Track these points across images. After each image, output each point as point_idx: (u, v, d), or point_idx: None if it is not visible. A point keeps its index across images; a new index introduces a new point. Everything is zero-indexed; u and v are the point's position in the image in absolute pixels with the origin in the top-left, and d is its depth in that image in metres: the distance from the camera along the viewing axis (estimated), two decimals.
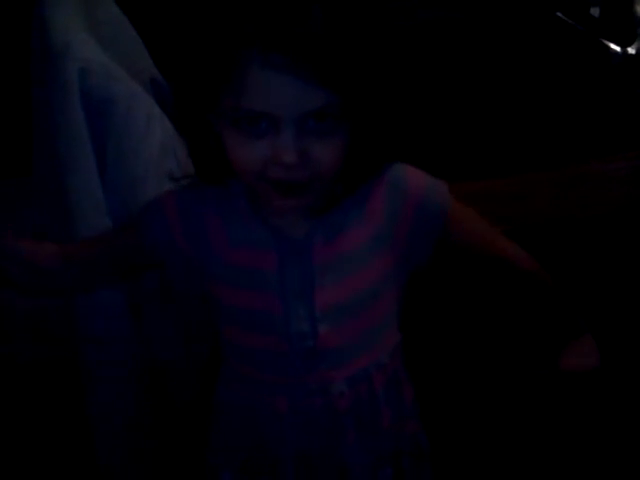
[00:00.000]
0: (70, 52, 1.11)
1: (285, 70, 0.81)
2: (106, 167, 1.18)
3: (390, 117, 0.92)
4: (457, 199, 1.02)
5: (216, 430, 1.09)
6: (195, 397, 1.16)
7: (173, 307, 1.30)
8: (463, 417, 1.53)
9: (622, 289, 1.54)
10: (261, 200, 0.96)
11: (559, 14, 2.17)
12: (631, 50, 2.28)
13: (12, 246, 1.02)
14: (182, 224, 0.98)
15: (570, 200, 1.53)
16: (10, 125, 1.97)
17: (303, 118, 0.84)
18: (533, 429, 1.55)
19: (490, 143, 1.81)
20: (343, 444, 1.01)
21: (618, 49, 2.27)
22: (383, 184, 0.98)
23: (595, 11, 2.21)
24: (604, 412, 1.56)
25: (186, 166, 1.17)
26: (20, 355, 1.60)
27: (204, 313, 1.07)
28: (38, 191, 1.54)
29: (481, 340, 1.55)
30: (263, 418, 1.02)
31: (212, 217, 0.98)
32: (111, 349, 1.27)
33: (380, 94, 0.89)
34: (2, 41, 1.95)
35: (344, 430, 1.01)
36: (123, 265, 1.06)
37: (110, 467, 1.33)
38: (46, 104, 1.24)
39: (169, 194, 1.01)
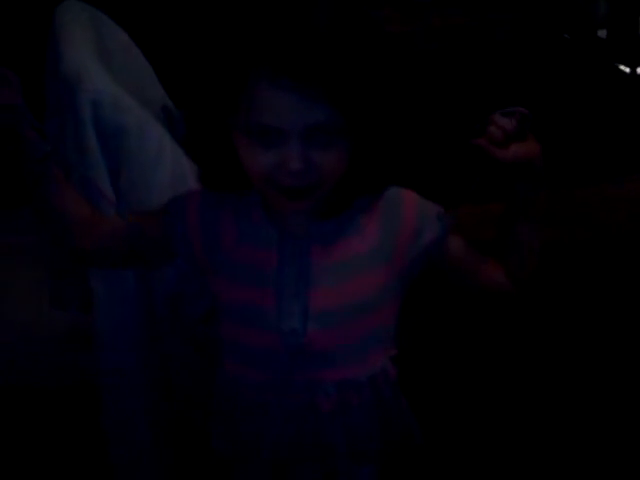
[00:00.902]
0: (81, 84, 1.14)
1: (291, 89, 0.89)
2: (120, 195, 1.20)
3: (388, 133, 0.98)
4: (459, 223, 1.05)
5: (215, 427, 1.13)
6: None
7: (185, 333, 1.31)
8: (459, 423, 1.53)
9: (631, 310, 1.54)
10: (270, 201, 1.02)
11: (566, 36, 2.18)
12: None
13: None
14: (198, 220, 1.05)
15: (577, 222, 1.53)
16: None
17: (308, 131, 0.92)
18: (528, 433, 1.56)
19: (495, 167, 1.82)
20: (327, 442, 1.05)
21: (627, 70, 2.28)
22: (379, 204, 1.04)
23: (602, 33, 2.22)
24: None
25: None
26: (38, 382, 1.61)
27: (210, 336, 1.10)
28: None
29: (479, 355, 1.55)
30: (252, 414, 1.06)
31: (227, 215, 1.05)
32: (128, 375, 1.28)
33: (378, 113, 0.96)
34: (16, 72, 1.98)
35: (328, 430, 1.04)
36: (141, 248, 1.09)
37: None
38: (61, 134, 1.27)
39: (195, 192, 1.08)
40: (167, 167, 1.24)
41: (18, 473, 1.60)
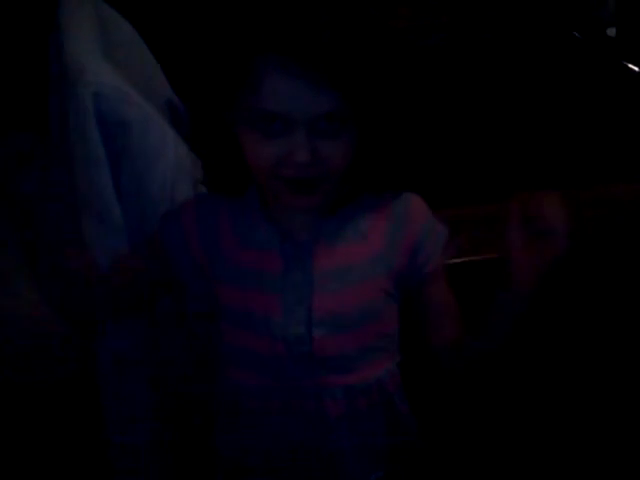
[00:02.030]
0: (84, 76, 1.13)
1: (298, 75, 0.87)
2: (121, 190, 1.19)
3: (395, 123, 0.97)
4: (462, 222, 1.05)
5: (217, 434, 1.12)
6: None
7: (186, 329, 1.30)
8: (459, 428, 1.52)
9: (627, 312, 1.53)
10: (272, 201, 1.00)
11: (576, 34, 2.17)
12: None
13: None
14: (197, 229, 1.04)
15: (585, 222, 1.51)
16: None
17: (315, 120, 0.90)
18: (530, 438, 1.55)
19: (501, 164, 1.81)
20: (335, 447, 1.04)
21: (636, 69, 2.26)
22: (386, 211, 1.02)
23: (611, 32, 2.20)
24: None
25: (199, 186, 1.19)
26: (37, 374, 1.61)
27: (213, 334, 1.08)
28: None
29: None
30: (257, 421, 1.05)
31: (225, 220, 1.03)
32: (130, 368, 1.27)
33: (385, 101, 0.94)
34: (20, 67, 1.97)
35: (335, 436, 1.03)
36: (150, 278, 1.08)
37: None
38: (63, 128, 1.26)
39: (187, 202, 1.08)
40: (169, 162, 1.23)
41: (18, 468, 1.60)
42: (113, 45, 1.35)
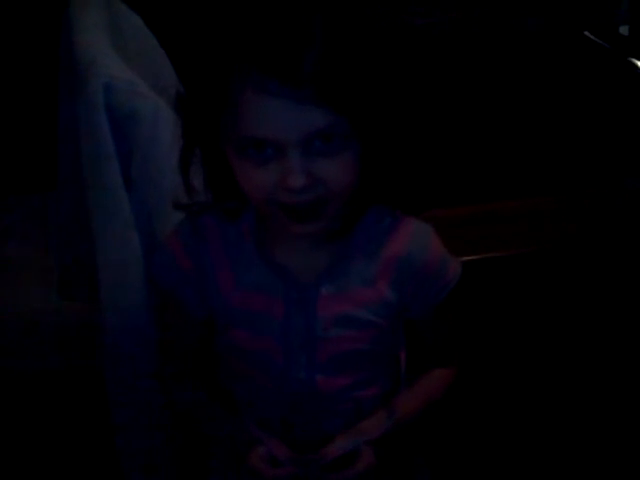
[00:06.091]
0: (95, 68, 1.12)
1: (281, 94, 0.79)
2: (132, 182, 1.18)
3: (398, 132, 0.89)
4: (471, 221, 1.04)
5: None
6: None
7: None
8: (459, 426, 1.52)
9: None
10: (270, 232, 0.95)
11: (587, 33, 2.16)
12: None
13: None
14: (190, 259, 0.99)
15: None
16: (35, 141, 1.99)
17: (308, 140, 0.82)
18: (527, 438, 1.54)
19: (511, 164, 1.80)
20: None
21: None
22: (400, 253, 0.97)
23: (624, 30, 2.18)
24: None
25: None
26: (46, 364, 1.61)
27: None
28: (63, 206, 1.55)
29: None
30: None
31: (219, 257, 0.97)
32: (136, 360, 1.26)
33: (384, 110, 0.86)
34: (30, 59, 1.97)
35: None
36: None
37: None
38: (72, 120, 1.25)
39: (171, 237, 1.02)
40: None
41: (27, 456, 1.59)
42: (124, 37, 1.35)
